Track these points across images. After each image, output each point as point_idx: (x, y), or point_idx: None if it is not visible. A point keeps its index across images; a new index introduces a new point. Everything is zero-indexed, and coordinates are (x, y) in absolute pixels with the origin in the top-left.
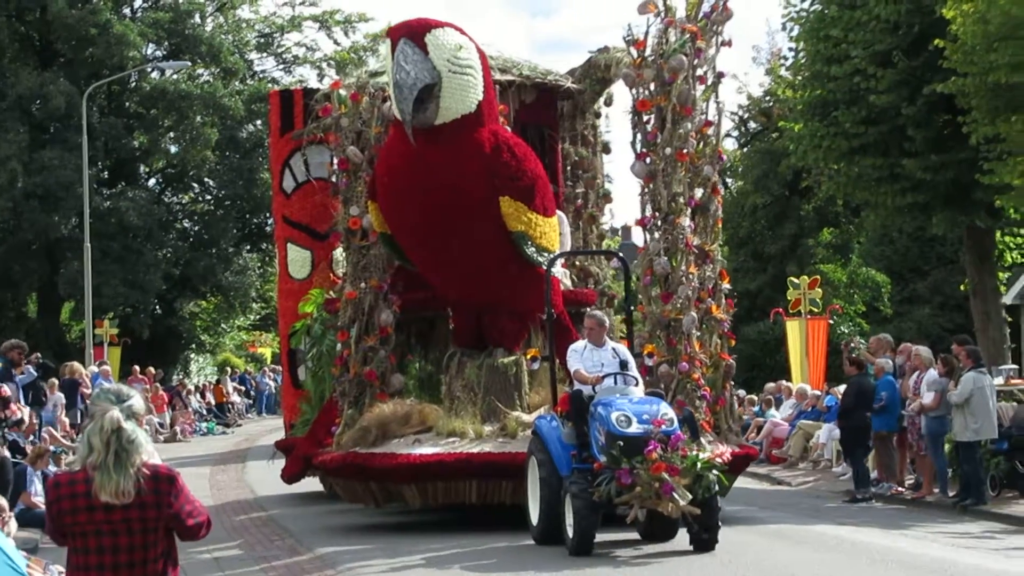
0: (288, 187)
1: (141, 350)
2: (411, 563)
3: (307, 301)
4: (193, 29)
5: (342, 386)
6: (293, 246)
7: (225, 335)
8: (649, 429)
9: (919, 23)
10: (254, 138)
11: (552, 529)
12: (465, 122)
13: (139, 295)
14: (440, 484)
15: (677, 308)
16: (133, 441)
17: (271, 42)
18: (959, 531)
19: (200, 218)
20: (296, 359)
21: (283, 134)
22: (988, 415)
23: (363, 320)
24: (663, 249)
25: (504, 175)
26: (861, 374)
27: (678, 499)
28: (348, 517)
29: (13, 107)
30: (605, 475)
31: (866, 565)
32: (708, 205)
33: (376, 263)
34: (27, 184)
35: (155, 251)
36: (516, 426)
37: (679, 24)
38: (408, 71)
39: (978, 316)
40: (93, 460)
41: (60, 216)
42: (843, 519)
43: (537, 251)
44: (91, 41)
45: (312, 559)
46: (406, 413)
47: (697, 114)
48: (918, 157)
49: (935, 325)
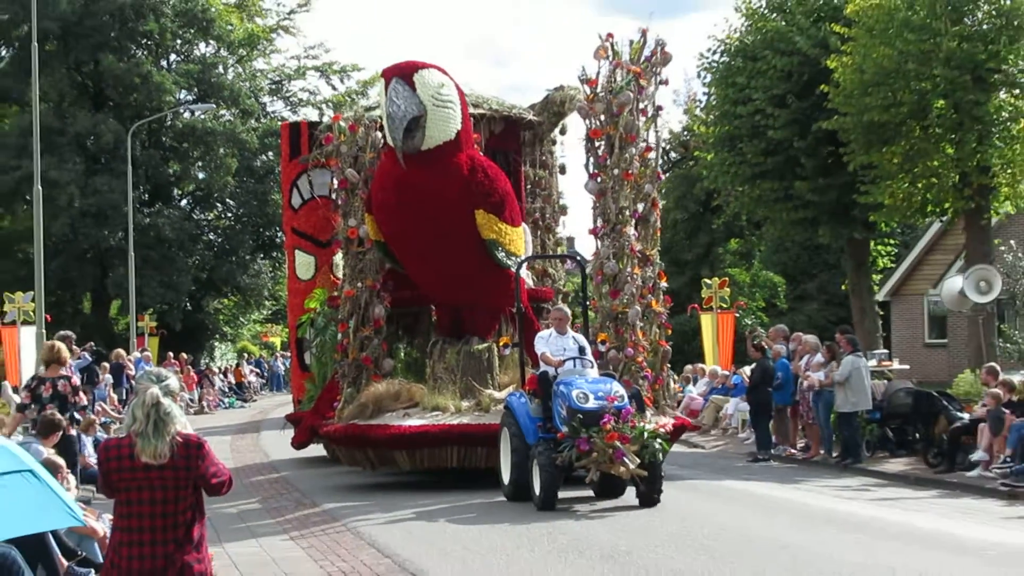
0: (296, 203)
1: (175, 339)
2: (403, 516)
3: (312, 298)
4: (217, 78)
5: (342, 369)
6: (300, 252)
7: (243, 327)
8: (604, 404)
9: (808, 72)
10: (266, 166)
11: (521, 488)
12: (447, 148)
13: (173, 294)
14: (426, 451)
15: (624, 303)
16: (169, 413)
17: (281, 88)
18: (841, 485)
19: (223, 232)
20: (303, 346)
21: (292, 159)
22: (864, 391)
23: (360, 314)
24: (612, 254)
25: (479, 192)
26: (763, 358)
27: (628, 463)
28: (347, 478)
29: (71, 142)
30: (567, 443)
31: (763, 514)
32: (649, 217)
33: (370, 266)
34: (83, 204)
35: (186, 259)
36: (489, 402)
37: (625, 66)
38: (399, 105)
39: (856, 310)
40: (136, 428)
41: (109, 230)
42: (747, 476)
43: (506, 256)
44: (135, 88)
45: (319, 512)
46: (397, 391)
47: (640, 141)
48: (807, 181)
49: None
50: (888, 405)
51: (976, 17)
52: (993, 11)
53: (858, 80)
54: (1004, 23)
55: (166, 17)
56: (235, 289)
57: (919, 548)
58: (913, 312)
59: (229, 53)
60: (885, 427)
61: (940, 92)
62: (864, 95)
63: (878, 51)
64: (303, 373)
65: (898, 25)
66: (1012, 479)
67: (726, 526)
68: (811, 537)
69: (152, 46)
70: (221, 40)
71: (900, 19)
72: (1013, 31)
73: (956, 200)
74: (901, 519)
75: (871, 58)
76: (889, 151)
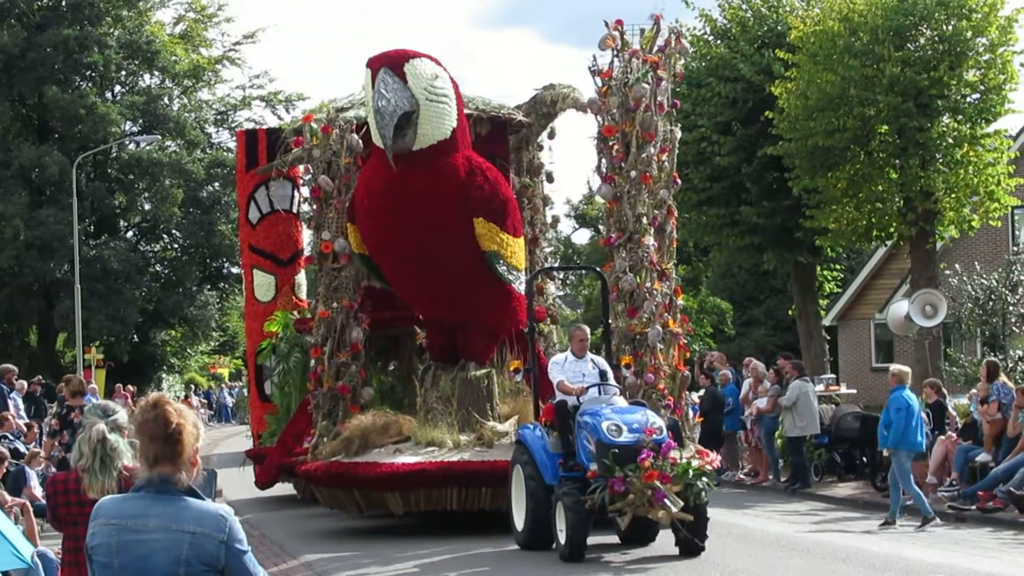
0: (253, 218)
1: (122, 371)
2: (404, 570)
3: (272, 321)
4: (163, 109)
5: (316, 399)
6: (259, 272)
7: (190, 358)
8: (640, 438)
9: (752, 99)
10: (212, 197)
11: (539, 535)
12: (441, 147)
13: (120, 327)
14: (423, 491)
15: (643, 322)
16: (116, 449)
17: (226, 118)
18: (789, 509)
19: (169, 263)
20: (263, 375)
21: (248, 170)
22: (812, 415)
23: (335, 338)
24: (628, 267)
25: (478, 197)
26: (712, 385)
27: (670, 506)
28: (324, 522)
29: (16, 175)
30: (599, 483)
31: (714, 538)
32: (664, 226)
33: (346, 284)
34: (28, 237)
35: (133, 290)
36: (492, 435)
37: (641, 55)
38: (388, 99)
39: (803, 335)
40: (83, 464)
41: (55, 263)
42: None
43: (508, 269)
44: (80, 119)
45: (300, 566)
46: (385, 424)
47: (659, 140)
48: (753, 206)
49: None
50: (836, 429)
51: (919, 43)
52: (935, 37)
53: (802, 106)
54: (946, 49)
55: (110, 49)
56: (182, 320)
57: (867, 572)
58: (860, 336)
59: (174, 84)
60: (833, 451)
61: (883, 118)
62: (808, 120)
63: (821, 77)
64: (263, 405)
65: (841, 51)
66: (959, 502)
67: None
68: (759, 563)
69: (97, 78)
70: (166, 71)
71: (842, 45)
72: (955, 57)
73: (901, 225)
74: (849, 543)
75: (814, 84)
76: (833, 176)
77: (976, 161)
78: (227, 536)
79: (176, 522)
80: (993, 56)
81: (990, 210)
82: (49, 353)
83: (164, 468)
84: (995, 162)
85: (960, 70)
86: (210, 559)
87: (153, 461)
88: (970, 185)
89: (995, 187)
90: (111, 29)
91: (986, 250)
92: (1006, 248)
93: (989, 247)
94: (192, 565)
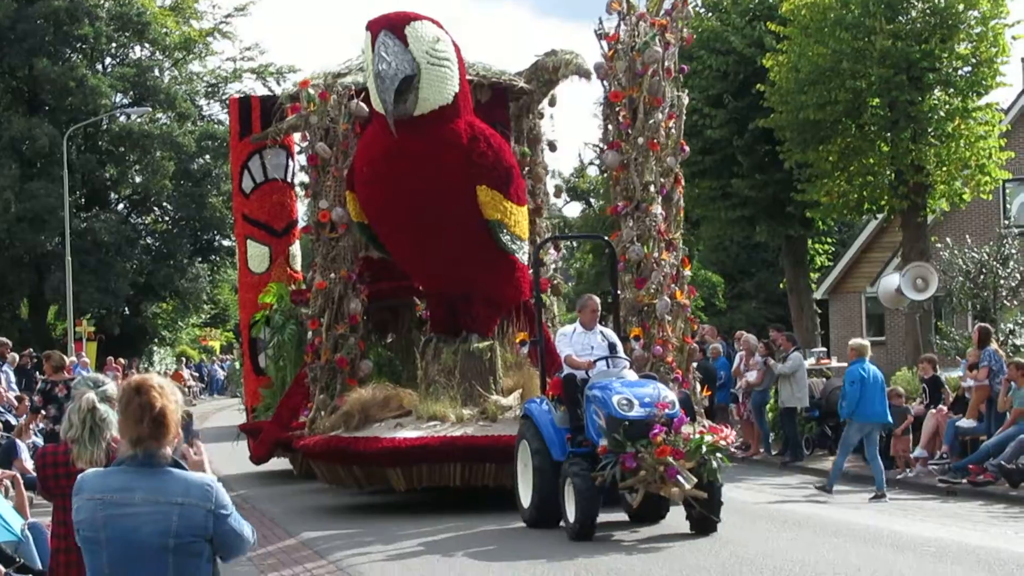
0: (247, 187)
1: (113, 344)
2: (407, 549)
3: (267, 293)
4: (153, 81)
5: (313, 372)
6: (252, 242)
7: (182, 331)
8: (652, 412)
9: (744, 72)
10: (203, 169)
11: (546, 512)
12: (443, 113)
13: (111, 299)
14: (425, 467)
15: (651, 293)
16: (105, 419)
17: (217, 90)
18: (780, 483)
19: (160, 236)
20: (257, 347)
21: (242, 138)
22: (804, 387)
23: (333, 309)
24: (636, 236)
25: (481, 165)
26: (704, 358)
27: (683, 482)
28: (320, 498)
29: (6, 147)
30: (609, 459)
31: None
32: (672, 195)
33: (344, 254)
34: (18, 210)
35: (124, 263)
36: (495, 409)
37: (649, 18)
38: (389, 62)
39: (794, 309)
40: (72, 434)
41: (46, 235)
42: None
43: (511, 239)
44: (70, 92)
45: (298, 545)
46: (385, 397)
47: (666, 105)
48: (745, 179)
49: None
50: (827, 403)
51: (910, 16)
52: (927, 10)
53: (793, 79)
54: (938, 22)
55: (101, 21)
56: (173, 293)
57: (858, 545)
58: (851, 310)
59: (165, 56)
60: (824, 425)
61: (875, 90)
62: (799, 93)
63: (813, 50)
64: (258, 378)
65: (832, 24)
66: (950, 475)
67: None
68: (750, 535)
69: (87, 50)
70: (157, 43)
71: (834, 18)
72: (947, 30)
73: (892, 198)
74: (840, 516)
75: (806, 57)
76: (825, 149)
77: (967, 134)
78: (214, 504)
79: (163, 495)
80: (985, 29)
81: (981, 183)
82: (40, 326)
83: (149, 446)
84: (986, 135)
85: (952, 43)
86: (199, 528)
87: (137, 441)
88: (961, 158)
89: (986, 160)
90: (102, 1)
91: (977, 223)
92: (997, 221)
93: (980, 220)
94: (182, 536)
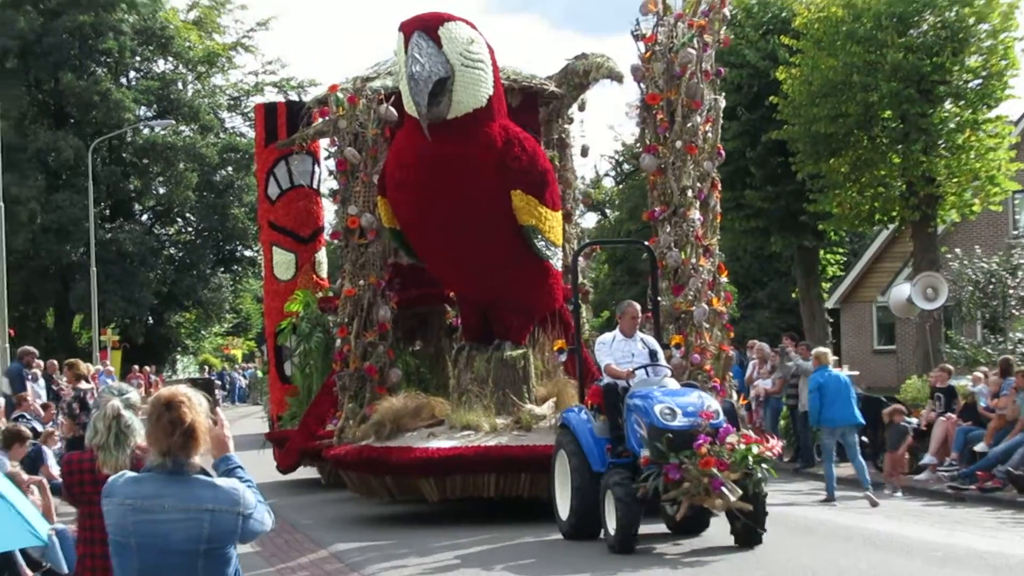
0: (272, 194)
1: (137, 353)
2: (446, 563)
3: (293, 301)
4: (176, 94)
5: (342, 380)
6: (278, 249)
7: (204, 340)
8: (696, 422)
9: (757, 84)
10: (226, 181)
11: (585, 524)
12: (477, 116)
13: (135, 309)
14: (459, 478)
15: (688, 300)
16: (129, 426)
17: (239, 103)
18: (792, 489)
19: (183, 246)
20: (282, 355)
21: (268, 144)
22: None
23: (362, 316)
24: (673, 242)
25: (516, 169)
26: None
27: (728, 494)
28: (350, 508)
29: (32, 159)
30: (651, 470)
31: (720, 518)
32: (708, 200)
33: (374, 261)
34: (44, 220)
35: (147, 273)
36: (530, 419)
37: (687, 19)
38: (423, 63)
39: (806, 318)
40: (97, 441)
41: (71, 246)
42: None
43: (546, 245)
44: (95, 105)
45: (330, 558)
46: (417, 406)
47: (705, 108)
48: (758, 190)
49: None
50: None
51: (921, 29)
52: (938, 23)
53: (806, 91)
54: (949, 35)
55: (125, 35)
56: (196, 303)
57: (868, 549)
58: (862, 319)
59: (188, 70)
60: None
61: (886, 103)
62: (812, 106)
63: (825, 63)
64: (283, 386)
65: (844, 37)
66: (959, 482)
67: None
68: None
69: (112, 63)
70: (180, 57)
71: (846, 31)
72: (957, 43)
73: (903, 209)
74: (851, 522)
75: (818, 70)
76: (837, 161)
77: (977, 146)
78: (242, 507)
79: (194, 502)
80: (995, 42)
81: (991, 194)
82: (65, 335)
83: (178, 457)
84: (996, 147)
85: (962, 56)
86: (229, 532)
87: (167, 452)
88: (972, 170)
89: (996, 172)
90: (126, 15)
91: (987, 234)
92: (1006, 232)
93: (990, 231)
94: (213, 541)
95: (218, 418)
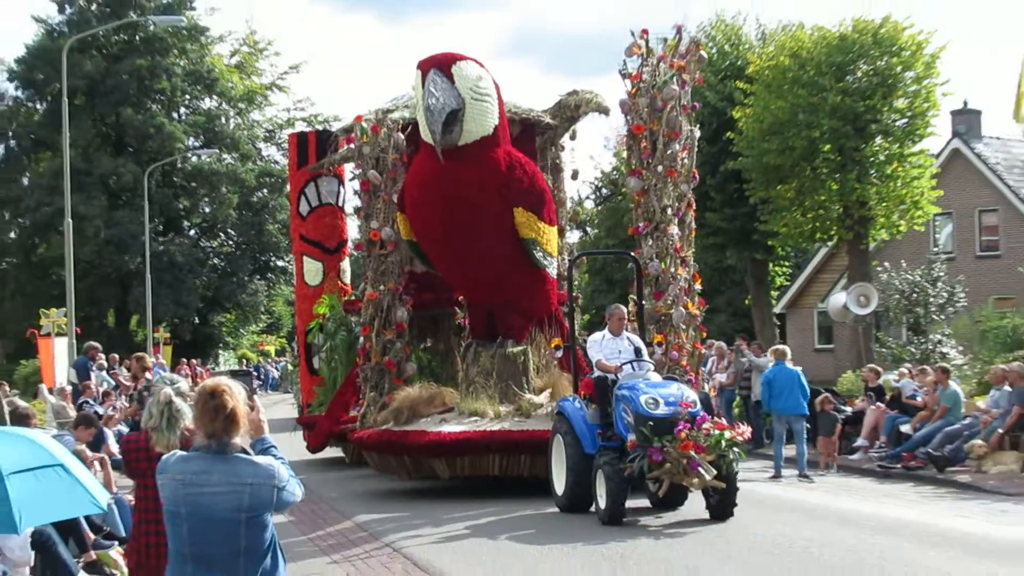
0: (303, 211)
1: (186, 348)
2: (457, 532)
3: (320, 304)
4: (220, 127)
5: (364, 372)
6: (308, 259)
7: (242, 337)
8: (676, 410)
9: (716, 121)
10: (262, 202)
11: (579, 500)
12: (484, 143)
13: (183, 310)
14: (467, 458)
15: (668, 304)
16: (180, 411)
17: (274, 135)
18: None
19: (225, 257)
20: (311, 351)
21: (300, 167)
22: None
23: (382, 317)
24: (655, 254)
25: (518, 189)
26: None
27: (704, 474)
28: (371, 483)
29: (96, 183)
30: (637, 452)
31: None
32: (685, 217)
33: (392, 269)
34: (106, 235)
35: (194, 280)
36: (529, 407)
37: (668, 60)
38: (438, 97)
39: (757, 321)
40: (152, 423)
41: (129, 256)
42: None
43: (543, 255)
44: (150, 136)
45: (355, 527)
46: (431, 395)
47: (683, 138)
48: (717, 212)
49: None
50: None
51: (856, 76)
52: (871, 71)
53: (758, 128)
54: (880, 81)
55: (177, 76)
56: (236, 305)
57: (811, 520)
58: (805, 322)
59: (230, 107)
60: None
61: (826, 139)
62: (763, 141)
63: (774, 104)
64: (312, 377)
65: (791, 82)
66: (887, 462)
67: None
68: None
69: (165, 101)
70: (223, 96)
71: (792, 77)
72: (887, 88)
73: (840, 229)
74: (795, 496)
75: (768, 110)
76: (784, 188)
77: (904, 176)
78: (276, 481)
79: (236, 477)
80: (919, 87)
81: (915, 217)
82: (124, 333)
83: (222, 438)
84: (920, 176)
85: (891, 99)
86: (266, 502)
87: (212, 434)
88: (899, 196)
89: (920, 197)
90: (177, 60)
91: (911, 250)
92: (928, 249)
93: (914, 248)
94: (253, 510)
95: (255, 404)
